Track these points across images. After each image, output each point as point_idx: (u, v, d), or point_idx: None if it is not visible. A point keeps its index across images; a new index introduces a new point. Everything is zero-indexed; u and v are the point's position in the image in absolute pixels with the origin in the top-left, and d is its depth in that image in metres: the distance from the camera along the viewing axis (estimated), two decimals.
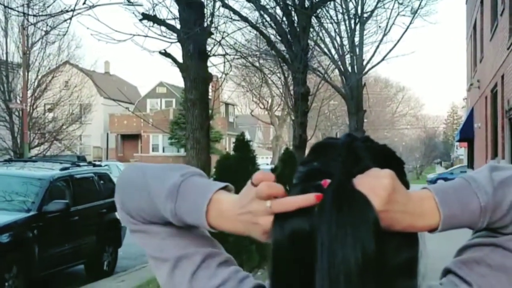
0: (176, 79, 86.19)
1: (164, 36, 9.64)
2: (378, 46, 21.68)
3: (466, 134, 28.83)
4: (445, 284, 1.22)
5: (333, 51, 19.80)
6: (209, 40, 9.81)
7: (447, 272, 1.24)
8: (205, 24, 9.33)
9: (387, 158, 1.19)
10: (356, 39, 20.08)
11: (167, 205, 1.18)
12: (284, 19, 13.60)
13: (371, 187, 1.07)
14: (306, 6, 13.54)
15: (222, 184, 1.20)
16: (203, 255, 1.24)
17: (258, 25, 13.97)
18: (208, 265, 1.23)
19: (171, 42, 9.55)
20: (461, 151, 49.68)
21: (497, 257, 1.18)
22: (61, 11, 9.36)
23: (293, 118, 14.96)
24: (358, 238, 1.03)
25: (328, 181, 1.08)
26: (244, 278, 1.23)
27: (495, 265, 1.18)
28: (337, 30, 19.95)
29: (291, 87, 15.82)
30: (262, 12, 13.80)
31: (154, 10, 9.40)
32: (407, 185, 1.16)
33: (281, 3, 13.49)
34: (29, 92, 25.18)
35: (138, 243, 1.30)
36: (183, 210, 1.17)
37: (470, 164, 30.65)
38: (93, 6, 8.85)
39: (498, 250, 1.18)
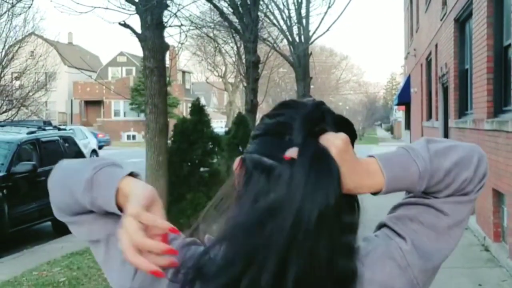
0: (136, 48, 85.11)
1: (123, 8, 9.54)
2: (323, 18, 21.80)
3: (404, 98, 29.17)
4: (379, 236, 1.25)
5: (281, 22, 19.75)
6: (166, 12, 9.72)
7: (381, 226, 1.28)
8: None
9: (346, 125, 1.24)
10: (303, 11, 20.05)
11: (86, 198, 1.20)
12: None
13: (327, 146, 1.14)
14: None
15: (125, 172, 1.21)
16: None
17: None
18: None
19: (130, 14, 9.46)
20: (399, 114, 50.22)
21: (429, 216, 1.23)
22: None
23: (245, 84, 14.94)
24: (325, 190, 1.11)
25: (290, 155, 1.13)
26: (173, 239, 1.22)
27: (427, 223, 1.23)
28: (285, 3, 19.91)
29: (243, 56, 15.79)
30: None
31: None
32: None
33: None
34: None
35: (73, 233, 1.33)
36: (100, 201, 1.19)
37: (408, 125, 31.11)
38: None
39: (430, 210, 1.23)
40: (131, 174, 1.21)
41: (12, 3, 23.24)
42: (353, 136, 1.24)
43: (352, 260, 1.16)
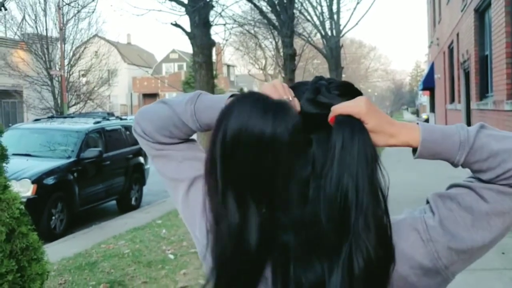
0: (186, 46, 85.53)
1: (174, 10, 9.57)
2: (352, 13, 21.63)
3: (428, 84, 28.64)
4: (418, 209, 1.21)
5: (315, 18, 19.61)
6: (212, 12, 9.70)
7: (427, 201, 1.22)
8: None
9: (346, 88, 1.21)
10: (334, 7, 19.85)
11: (187, 108, 1.19)
12: None
13: (351, 110, 1.11)
14: None
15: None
16: None
17: None
18: None
19: (180, 15, 9.50)
20: (424, 98, 49.48)
21: (469, 199, 1.15)
22: None
23: (283, 75, 14.86)
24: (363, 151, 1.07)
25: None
26: None
27: (464, 205, 1.15)
28: (317, 0, 19.73)
29: (281, 50, 15.70)
30: None
31: None
32: None
33: None
34: (66, 61, 25.05)
35: (158, 168, 1.29)
36: (201, 109, 1.18)
37: (432, 109, 30.60)
38: None
39: (471, 193, 1.15)
40: None
41: (78, 9, 23.58)
42: (357, 94, 1.21)
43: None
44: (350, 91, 1.21)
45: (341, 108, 1.11)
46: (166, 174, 1.27)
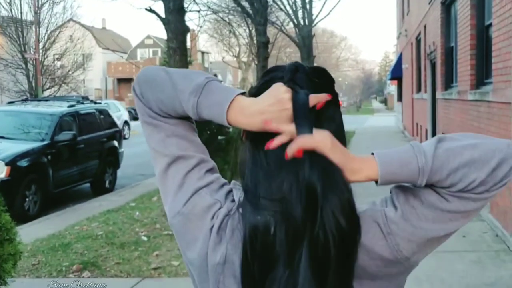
0: (161, 32, 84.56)
1: None
2: (324, 3, 21.64)
3: (396, 73, 28.80)
4: (380, 200, 1.20)
5: (288, 7, 19.59)
6: None
7: (390, 192, 1.21)
8: None
9: (320, 73, 1.24)
10: None
11: (190, 99, 1.15)
12: None
13: (316, 146, 1.10)
14: None
15: (242, 90, 1.18)
16: (197, 159, 1.23)
17: None
18: (199, 169, 1.22)
19: (155, 1, 9.39)
20: (392, 87, 49.85)
21: (432, 198, 1.13)
22: None
23: (256, 63, 14.85)
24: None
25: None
26: (224, 184, 1.25)
27: (427, 202, 1.12)
28: None
29: (254, 38, 15.67)
30: None
31: None
32: (337, 97, 1.21)
33: None
34: (41, 45, 24.62)
35: (145, 134, 1.27)
36: (204, 105, 1.15)
37: (400, 98, 30.88)
38: None
39: (434, 193, 1.13)
40: (244, 94, 1.19)
41: None
42: (330, 81, 1.23)
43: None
44: (323, 76, 1.23)
45: (307, 142, 1.10)
46: (150, 143, 1.25)
